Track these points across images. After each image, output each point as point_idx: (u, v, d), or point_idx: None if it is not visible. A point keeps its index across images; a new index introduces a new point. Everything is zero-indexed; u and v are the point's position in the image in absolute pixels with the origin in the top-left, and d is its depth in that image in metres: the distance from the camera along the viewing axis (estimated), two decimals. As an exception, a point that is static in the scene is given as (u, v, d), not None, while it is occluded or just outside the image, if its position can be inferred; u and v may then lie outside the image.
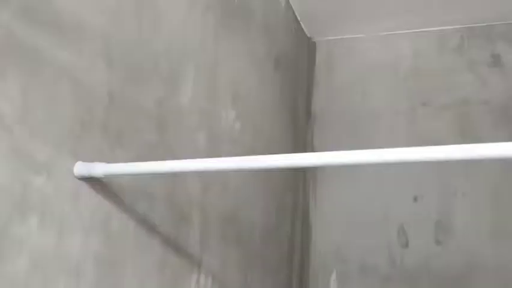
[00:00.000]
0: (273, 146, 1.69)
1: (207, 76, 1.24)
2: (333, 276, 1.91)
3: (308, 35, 2.13)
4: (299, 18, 2.01)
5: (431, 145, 0.66)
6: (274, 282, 1.69)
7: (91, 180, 0.80)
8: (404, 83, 2.01)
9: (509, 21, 1.92)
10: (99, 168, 0.77)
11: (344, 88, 2.09)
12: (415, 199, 1.88)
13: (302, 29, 2.07)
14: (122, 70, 0.91)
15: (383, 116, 2.00)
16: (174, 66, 1.09)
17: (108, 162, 0.82)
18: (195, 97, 1.17)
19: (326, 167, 1.95)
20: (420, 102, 1.97)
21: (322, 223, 1.97)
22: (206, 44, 1.24)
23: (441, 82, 1.96)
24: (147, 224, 0.97)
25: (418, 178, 1.89)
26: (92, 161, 0.80)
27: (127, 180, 0.91)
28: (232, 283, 1.36)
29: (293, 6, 1.93)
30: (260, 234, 1.55)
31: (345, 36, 2.13)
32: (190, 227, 1.14)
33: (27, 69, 0.70)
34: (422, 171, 1.89)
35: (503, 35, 1.93)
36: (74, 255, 0.77)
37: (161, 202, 1.03)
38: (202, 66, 1.22)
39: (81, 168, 0.77)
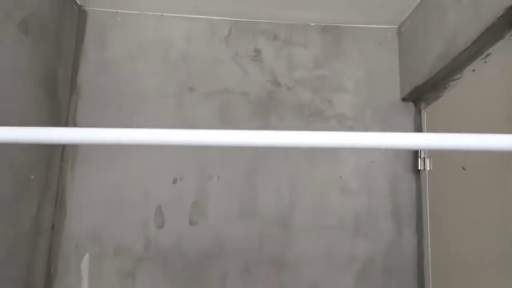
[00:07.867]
0: (25, 120, 1.52)
1: None
2: (85, 258, 1.84)
3: (78, 3, 1.98)
4: (67, -17, 1.85)
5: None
6: (11, 264, 1.53)
7: None
8: (175, 66, 2.03)
9: (270, 20, 2.09)
10: None
11: (114, 64, 2.01)
12: (175, 181, 1.93)
13: (71, -6, 1.92)
14: None
15: (151, 97, 1.99)
16: None
17: None
18: None
19: (82, 144, 1.85)
20: (188, 87, 2.01)
21: (79, 204, 1.87)
22: None
23: (208, 70, 2.04)
24: None
25: (178, 161, 1.93)
26: None
27: None
28: None
29: (59, -32, 1.76)
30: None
31: (119, 10, 2.04)
32: None
33: None
34: (183, 154, 1.94)
35: (264, 32, 2.10)
36: None
37: None
38: None
39: None
